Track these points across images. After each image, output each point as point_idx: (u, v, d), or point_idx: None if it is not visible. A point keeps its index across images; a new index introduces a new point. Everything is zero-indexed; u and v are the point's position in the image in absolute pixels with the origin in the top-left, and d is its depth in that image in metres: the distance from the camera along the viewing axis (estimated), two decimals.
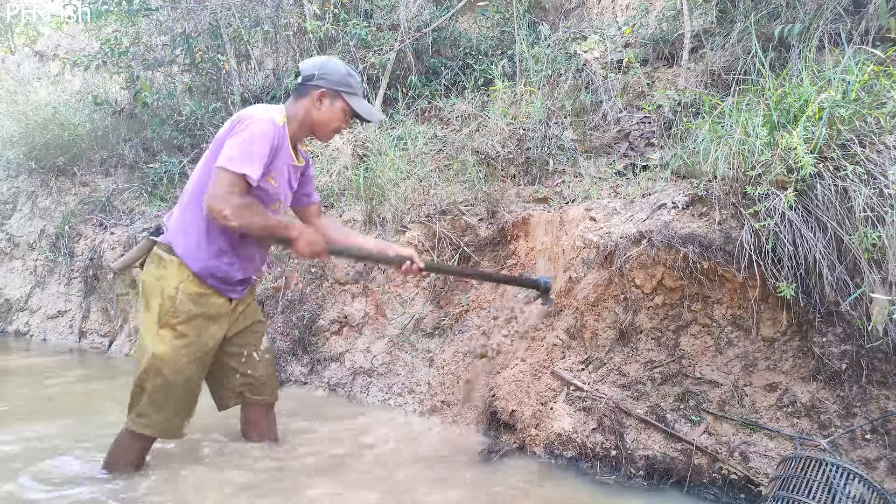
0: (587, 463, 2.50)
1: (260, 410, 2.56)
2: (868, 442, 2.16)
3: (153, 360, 2.22)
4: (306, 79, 2.33)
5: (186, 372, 2.27)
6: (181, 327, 2.24)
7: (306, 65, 2.37)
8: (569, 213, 3.09)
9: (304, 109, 2.34)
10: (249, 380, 2.50)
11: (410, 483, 2.33)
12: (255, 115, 2.20)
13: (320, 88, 2.32)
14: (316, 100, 2.33)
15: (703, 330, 2.54)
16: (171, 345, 2.23)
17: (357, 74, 2.41)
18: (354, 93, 2.37)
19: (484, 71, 4.60)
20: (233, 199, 2.11)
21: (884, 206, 2.16)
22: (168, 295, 2.23)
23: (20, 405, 3.38)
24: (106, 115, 6.30)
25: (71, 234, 5.94)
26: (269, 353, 2.59)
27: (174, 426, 2.32)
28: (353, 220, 3.96)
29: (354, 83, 2.38)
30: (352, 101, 2.36)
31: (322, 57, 2.42)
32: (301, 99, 2.35)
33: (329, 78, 2.33)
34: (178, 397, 2.28)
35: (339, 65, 2.37)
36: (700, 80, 3.69)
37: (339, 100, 2.35)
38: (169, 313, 2.23)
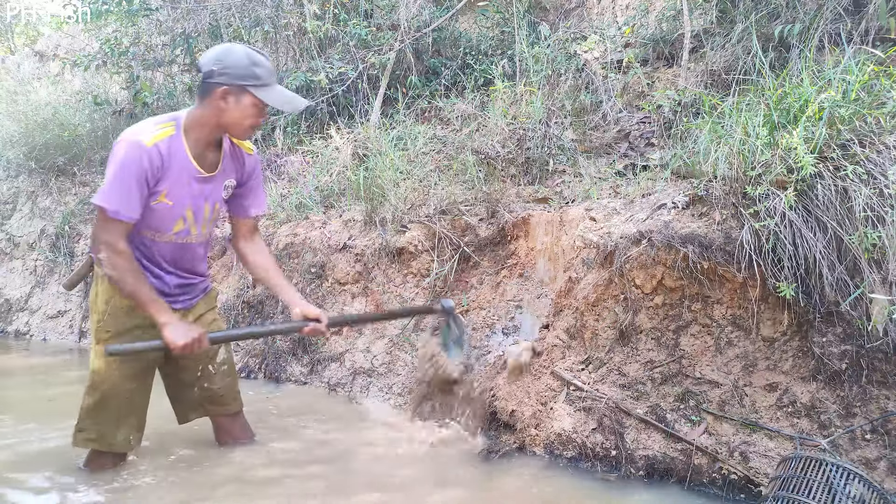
0: (587, 463, 2.50)
1: (227, 420, 2.53)
2: (868, 442, 2.16)
3: (91, 376, 2.22)
4: (206, 76, 2.09)
5: (124, 386, 2.22)
6: (112, 341, 2.18)
7: (205, 59, 2.12)
8: (569, 213, 3.09)
9: (210, 111, 2.12)
10: (208, 393, 2.44)
11: (410, 483, 2.33)
12: (121, 138, 2.06)
13: (222, 86, 2.08)
14: (220, 98, 2.09)
15: (703, 330, 2.54)
16: (105, 360, 2.18)
17: (265, 60, 2.15)
18: (264, 83, 2.11)
19: (484, 71, 4.60)
20: (107, 240, 2.04)
21: (884, 206, 2.15)
22: (99, 310, 2.21)
23: (20, 405, 3.38)
24: (106, 115, 6.29)
25: (71, 234, 5.94)
26: (227, 363, 2.50)
27: (117, 440, 2.27)
28: (354, 220, 3.96)
29: (262, 72, 2.11)
30: (261, 94, 2.11)
31: (222, 46, 2.16)
32: (205, 99, 2.12)
33: (231, 72, 2.07)
34: (116, 412, 2.24)
35: (241, 54, 2.10)
36: (700, 80, 3.69)
37: (245, 95, 2.10)
38: (101, 328, 2.21)
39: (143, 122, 2.15)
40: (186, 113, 2.18)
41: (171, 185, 2.12)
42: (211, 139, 2.20)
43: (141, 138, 2.04)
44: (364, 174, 3.92)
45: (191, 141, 2.16)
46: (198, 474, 2.33)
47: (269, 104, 2.14)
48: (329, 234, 3.97)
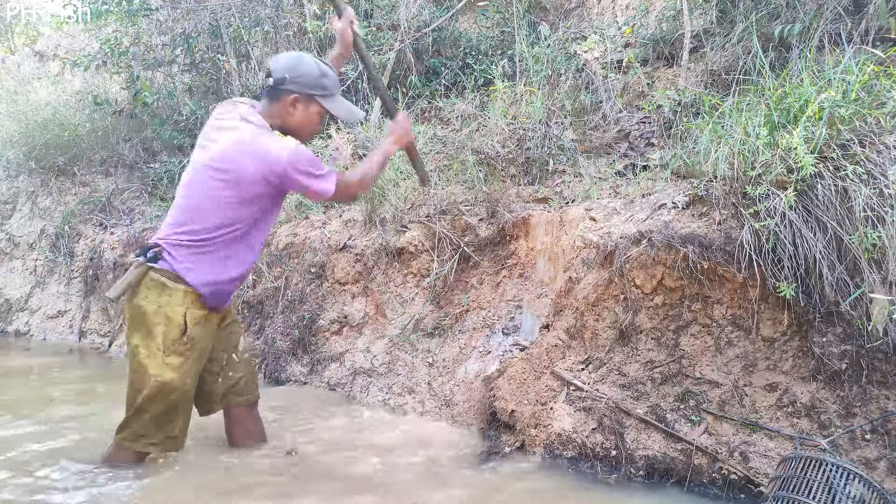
0: (587, 463, 2.50)
1: (244, 410, 2.55)
2: (868, 442, 2.16)
3: (162, 388, 2.21)
4: (278, 82, 2.21)
5: (190, 390, 2.31)
6: (189, 352, 2.25)
7: (277, 66, 2.23)
8: (569, 213, 3.09)
9: (279, 115, 2.25)
10: (231, 381, 2.48)
11: (410, 483, 2.33)
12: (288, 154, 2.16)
13: (293, 93, 2.21)
14: (289, 105, 2.23)
15: (703, 330, 2.54)
16: (181, 371, 2.24)
17: (332, 72, 2.30)
18: (330, 94, 2.27)
19: (484, 71, 4.60)
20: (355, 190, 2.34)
21: (884, 206, 2.16)
22: (176, 323, 2.21)
23: (20, 405, 3.38)
24: (106, 115, 6.30)
25: (71, 234, 5.94)
26: (248, 351, 2.58)
27: (179, 440, 2.35)
28: (354, 220, 3.96)
29: (329, 83, 2.26)
30: (327, 104, 2.27)
31: (293, 55, 2.27)
32: (274, 103, 2.25)
33: (301, 81, 2.21)
34: (181, 414, 2.31)
35: (312, 65, 2.24)
36: (700, 80, 3.69)
37: (313, 104, 2.25)
38: (178, 341, 2.22)
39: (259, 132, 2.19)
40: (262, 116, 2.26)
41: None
42: None
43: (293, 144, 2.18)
44: None
45: None
46: (205, 474, 2.33)
47: (335, 114, 2.31)
48: (329, 234, 3.97)
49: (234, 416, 2.55)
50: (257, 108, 2.30)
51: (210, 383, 2.46)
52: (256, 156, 2.14)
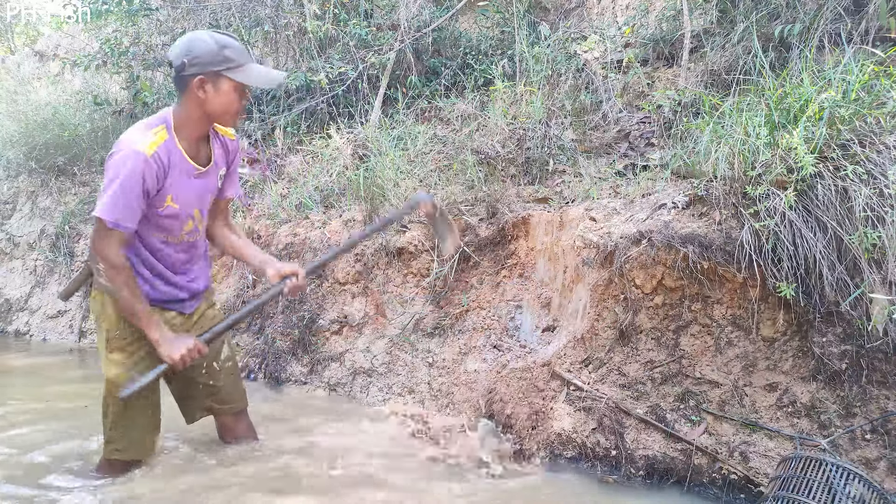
0: (587, 463, 2.50)
1: (230, 419, 2.51)
2: (868, 442, 2.16)
3: (108, 385, 2.19)
4: (178, 69, 2.03)
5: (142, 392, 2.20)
6: (130, 348, 2.19)
7: (173, 53, 2.05)
8: (569, 213, 3.09)
9: (193, 104, 2.07)
10: (213, 390, 2.42)
11: (410, 483, 2.33)
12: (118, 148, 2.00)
13: (197, 76, 2.02)
14: (198, 89, 2.04)
15: (703, 330, 2.54)
16: (123, 366, 2.18)
17: (233, 40, 2.09)
18: (237, 64, 2.05)
19: (484, 71, 4.60)
20: (105, 253, 2.02)
21: (884, 206, 2.16)
22: (111, 319, 2.18)
23: (20, 405, 3.38)
24: (106, 115, 6.29)
25: (71, 234, 5.94)
26: (231, 360, 2.49)
27: (144, 446, 2.29)
28: (353, 220, 3.96)
29: (233, 53, 2.05)
30: (237, 76, 2.06)
31: (186, 37, 2.07)
32: (184, 93, 2.07)
33: (201, 60, 2.02)
34: (139, 417, 2.24)
35: (208, 41, 2.04)
36: (700, 80, 3.69)
37: (222, 80, 2.05)
38: (116, 336, 2.18)
39: (132, 128, 2.08)
40: (172, 112, 2.12)
41: (174, 188, 2.11)
42: (201, 133, 2.17)
43: (139, 147, 1.99)
44: (364, 174, 3.92)
45: (183, 140, 2.12)
46: (203, 475, 2.33)
47: (248, 83, 2.10)
48: (329, 234, 3.97)
49: (221, 423, 2.53)
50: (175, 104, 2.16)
51: (190, 390, 2.41)
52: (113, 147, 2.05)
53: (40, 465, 2.43)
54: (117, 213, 1.98)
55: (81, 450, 2.57)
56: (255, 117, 5.19)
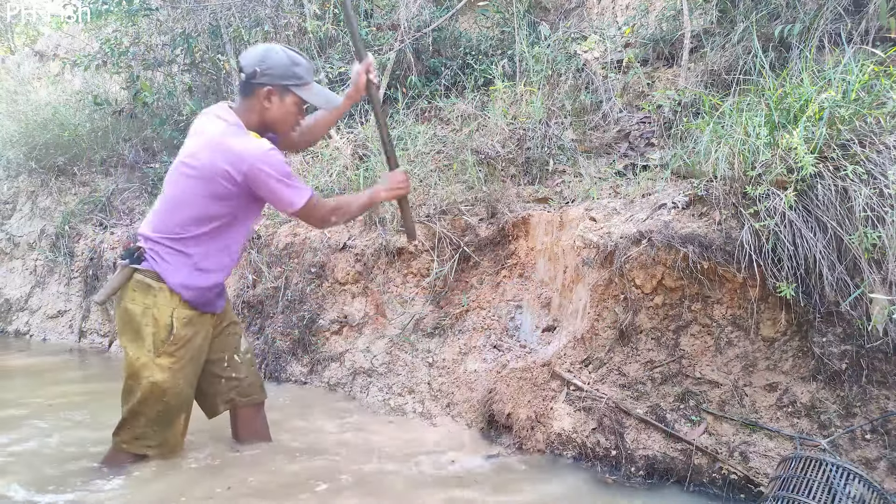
0: (587, 463, 2.50)
1: (251, 411, 2.55)
2: (868, 442, 2.16)
3: (153, 388, 2.21)
4: (249, 76, 2.17)
5: (185, 392, 2.29)
6: (178, 353, 2.23)
7: (247, 60, 2.18)
8: (569, 213, 3.09)
9: (256, 111, 2.21)
10: (235, 383, 2.47)
11: (410, 484, 2.33)
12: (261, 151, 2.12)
13: (266, 86, 2.17)
14: (264, 98, 2.19)
15: (703, 330, 2.54)
16: (171, 371, 2.22)
17: (304, 59, 2.24)
18: (304, 82, 2.22)
19: (484, 71, 4.60)
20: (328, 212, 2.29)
21: (884, 206, 2.16)
22: (163, 323, 2.20)
23: (20, 405, 3.38)
24: (106, 115, 6.29)
25: (71, 234, 5.94)
26: (249, 352, 2.56)
27: (177, 443, 2.35)
28: (353, 220, 3.96)
29: (302, 71, 2.21)
30: (302, 93, 2.22)
31: (262, 47, 2.21)
32: (249, 98, 2.21)
33: (272, 73, 2.16)
34: (178, 416, 2.30)
35: (282, 55, 2.18)
36: (700, 80, 3.69)
37: (288, 94, 2.21)
38: (166, 342, 2.21)
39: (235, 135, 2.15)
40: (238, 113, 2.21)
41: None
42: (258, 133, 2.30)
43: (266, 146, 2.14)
44: (364, 174, 3.92)
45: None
46: (207, 474, 2.33)
47: (311, 102, 2.25)
48: (329, 234, 3.97)
49: (241, 417, 2.55)
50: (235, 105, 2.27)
51: (213, 385, 2.45)
52: (221, 151, 2.12)
53: (40, 465, 2.43)
54: (303, 189, 2.19)
55: (83, 449, 2.57)
56: None
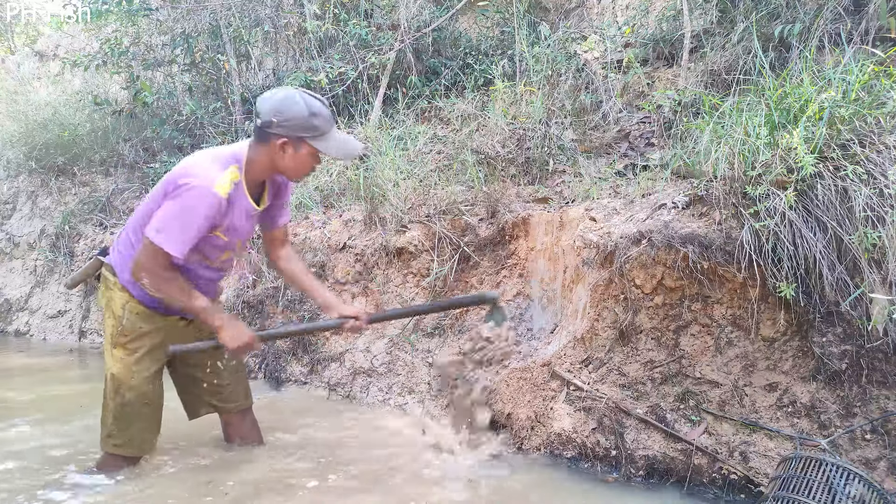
0: (587, 463, 2.50)
1: (236, 417, 2.53)
2: (868, 442, 2.16)
3: (111, 380, 2.23)
4: (265, 125, 2.08)
5: (142, 388, 2.25)
6: (131, 345, 2.23)
7: (263, 107, 2.09)
8: (569, 213, 3.09)
9: (268, 157, 2.13)
10: (216, 388, 2.46)
11: (410, 484, 2.33)
12: (194, 183, 2.00)
13: (281, 137, 2.08)
14: (278, 149, 2.10)
15: (703, 330, 2.54)
16: (125, 363, 2.22)
17: (324, 108, 2.13)
18: (321, 133, 2.11)
19: (484, 71, 4.60)
20: (156, 271, 2.06)
21: (884, 206, 2.15)
22: (117, 315, 2.22)
23: (20, 405, 3.38)
24: (106, 115, 6.29)
25: (71, 234, 5.94)
26: (235, 359, 2.50)
27: (144, 442, 2.31)
28: (354, 220, 3.96)
29: (320, 122, 2.10)
30: (319, 145, 2.12)
31: (281, 94, 2.10)
32: (263, 145, 2.12)
33: (289, 125, 2.06)
34: (139, 414, 2.26)
35: (301, 105, 2.07)
36: (700, 80, 3.69)
37: (303, 146, 2.11)
38: (119, 332, 2.22)
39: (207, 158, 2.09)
40: (246, 153, 2.15)
41: (229, 224, 2.16)
42: (264, 179, 2.24)
43: (217, 189, 2.03)
44: (364, 174, 3.92)
45: (249, 181, 2.17)
46: (203, 475, 2.33)
47: (327, 154, 2.15)
48: (329, 234, 3.97)
49: (226, 421, 2.55)
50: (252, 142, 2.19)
51: (195, 387, 2.45)
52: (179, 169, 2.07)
53: (40, 465, 2.43)
54: (179, 247, 2.03)
55: (81, 449, 2.57)
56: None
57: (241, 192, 2.15)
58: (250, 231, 2.30)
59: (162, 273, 2.07)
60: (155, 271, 2.07)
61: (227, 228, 2.16)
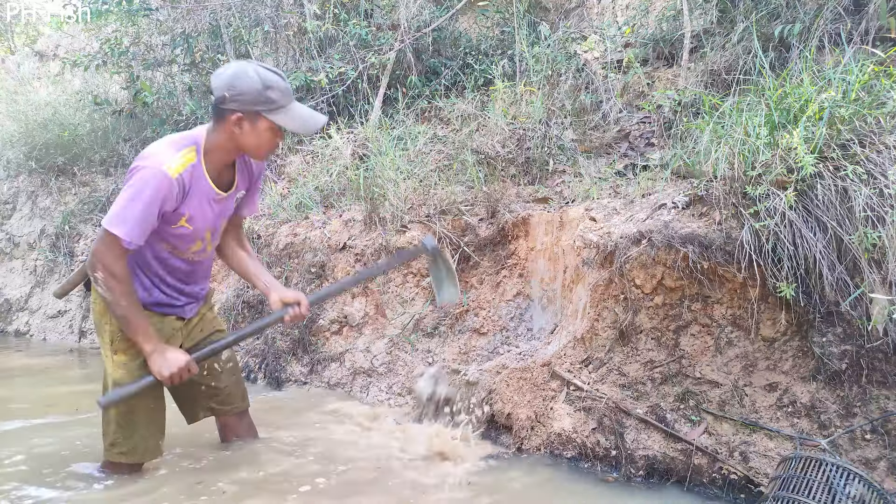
0: (587, 463, 2.50)
1: (233, 419, 2.52)
2: (868, 442, 2.16)
3: (114, 387, 2.18)
4: (218, 101, 2.01)
5: (146, 393, 2.20)
6: (133, 349, 2.18)
7: (216, 82, 2.02)
8: (569, 213, 3.09)
9: (226, 136, 2.07)
10: (214, 391, 2.43)
11: (410, 484, 2.33)
12: (146, 164, 1.96)
13: (235, 112, 2.01)
14: (234, 125, 2.03)
15: (703, 330, 2.54)
16: (128, 368, 2.18)
17: (279, 80, 2.05)
18: (278, 106, 2.04)
19: (484, 71, 4.60)
20: (108, 263, 1.99)
21: (884, 206, 2.15)
22: (114, 321, 2.16)
23: (20, 405, 3.38)
24: (106, 115, 6.30)
25: (71, 234, 5.95)
26: (231, 361, 2.49)
27: (149, 448, 2.28)
28: (354, 220, 3.96)
29: (276, 95, 2.03)
30: (276, 118, 2.04)
31: (233, 68, 2.03)
32: (220, 123, 2.06)
33: (242, 98, 2.00)
34: (144, 420, 2.23)
35: (253, 78, 2.00)
36: (700, 80, 3.69)
37: (260, 119, 2.04)
38: (120, 338, 2.17)
39: (163, 143, 2.05)
40: (205, 135, 2.11)
41: (191, 211, 2.10)
42: (229, 160, 2.17)
43: (166, 168, 1.97)
44: (364, 174, 3.92)
45: (209, 164, 2.11)
46: (199, 476, 2.33)
47: (286, 127, 2.08)
48: (329, 234, 3.97)
49: (223, 424, 2.53)
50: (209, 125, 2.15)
51: (192, 390, 2.41)
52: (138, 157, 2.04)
53: (40, 466, 2.42)
54: (128, 230, 1.96)
55: (82, 450, 2.57)
56: None
57: (199, 174, 2.08)
58: (216, 218, 2.22)
59: (115, 269, 2.00)
60: (109, 265, 2.00)
61: (190, 217, 2.10)
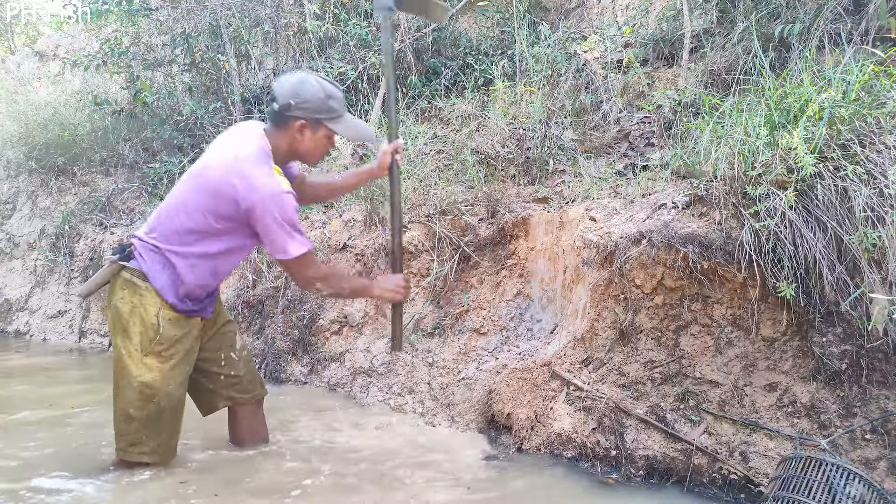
0: (587, 463, 2.50)
1: (251, 408, 2.54)
2: (868, 442, 2.16)
3: (143, 389, 2.18)
4: (283, 108, 2.15)
5: (176, 394, 2.25)
6: (167, 352, 2.20)
7: (281, 91, 2.16)
8: (569, 213, 3.09)
9: (287, 141, 2.21)
10: (234, 380, 2.47)
11: (410, 484, 2.33)
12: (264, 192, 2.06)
13: (299, 119, 2.16)
14: (297, 132, 2.18)
15: (703, 330, 2.54)
16: (160, 371, 2.20)
17: (338, 91, 2.23)
18: (337, 115, 2.21)
19: (484, 71, 4.60)
20: (315, 276, 2.22)
21: (884, 206, 2.16)
22: (150, 323, 2.18)
23: (20, 405, 3.38)
24: (106, 115, 6.29)
25: (71, 234, 5.94)
26: (245, 349, 2.56)
27: (170, 448, 2.31)
28: (354, 220, 3.96)
29: (336, 104, 2.20)
30: (335, 127, 2.22)
31: (297, 78, 2.19)
32: (281, 129, 2.19)
33: (307, 107, 2.15)
34: (170, 420, 2.26)
35: (317, 87, 2.16)
36: (700, 80, 3.69)
37: (321, 128, 2.21)
38: (154, 341, 2.18)
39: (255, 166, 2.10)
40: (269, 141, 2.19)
41: None
42: (282, 165, 2.26)
43: (284, 187, 2.12)
44: None
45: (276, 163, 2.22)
46: (196, 477, 2.33)
47: (344, 136, 2.25)
48: (329, 234, 3.97)
49: (239, 415, 2.54)
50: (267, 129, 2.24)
51: (212, 381, 2.45)
52: (237, 173, 2.07)
53: (39, 466, 2.43)
54: (301, 240, 2.15)
55: (83, 450, 2.57)
56: (256, 117, 5.19)
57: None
58: None
59: (322, 273, 2.24)
60: (317, 277, 2.22)
61: None
